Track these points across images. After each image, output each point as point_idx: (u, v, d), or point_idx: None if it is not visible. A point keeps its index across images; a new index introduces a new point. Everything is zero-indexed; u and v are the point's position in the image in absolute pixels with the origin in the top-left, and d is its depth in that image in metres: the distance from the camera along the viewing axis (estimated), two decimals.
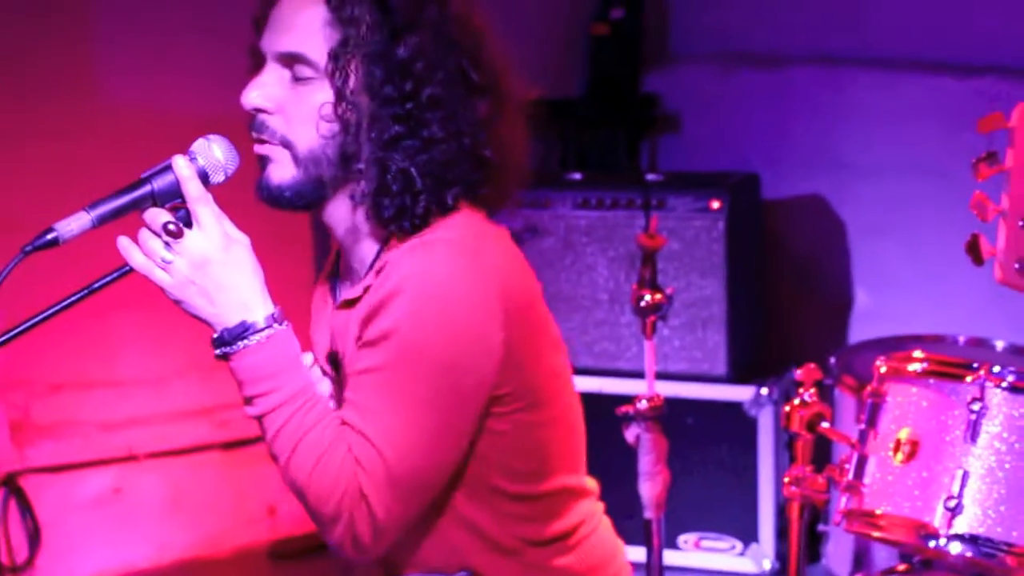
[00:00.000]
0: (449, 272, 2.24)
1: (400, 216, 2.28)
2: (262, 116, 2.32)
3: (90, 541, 5.02)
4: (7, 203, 4.72)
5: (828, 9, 5.46)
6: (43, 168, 4.81)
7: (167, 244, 2.21)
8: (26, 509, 4.87)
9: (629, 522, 2.92)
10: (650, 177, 4.93)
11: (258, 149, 2.35)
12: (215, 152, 2.27)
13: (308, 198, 2.34)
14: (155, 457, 5.17)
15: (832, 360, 3.96)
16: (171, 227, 2.20)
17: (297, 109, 2.30)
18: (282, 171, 2.33)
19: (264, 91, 2.32)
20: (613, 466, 3.25)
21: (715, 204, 4.70)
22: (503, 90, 2.35)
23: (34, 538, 4.88)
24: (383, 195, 2.27)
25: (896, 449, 2.63)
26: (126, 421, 5.11)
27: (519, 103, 2.38)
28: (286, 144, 2.31)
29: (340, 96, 2.27)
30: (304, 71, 2.29)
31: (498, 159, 2.34)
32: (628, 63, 5.75)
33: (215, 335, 2.26)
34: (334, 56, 2.27)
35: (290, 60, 2.30)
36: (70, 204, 4.35)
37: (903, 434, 2.63)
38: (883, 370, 2.71)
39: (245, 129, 2.36)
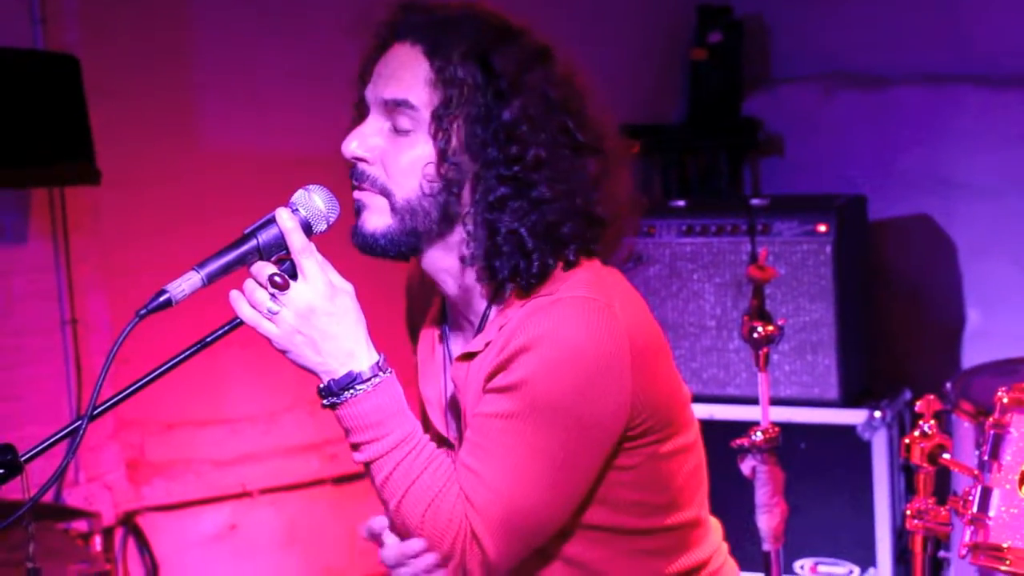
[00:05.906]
0: (579, 330, 2.24)
1: (516, 276, 2.29)
2: (362, 165, 2.34)
3: None
4: (121, 250, 4.80)
5: (930, 27, 5.42)
6: (152, 213, 4.89)
7: (273, 296, 2.22)
8: (144, 547, 4.95)
9: (744, 550, 2.90)
10: (755, 202, 4.88)
11: (356, 195, 2.36)
12: (316, 202, 2.27)
13: (401, 248, 2.35)
14: (268, 492, 5.22)
15: (948, 386, 3.91)
16: (277, 279, 2.22)
17: (396, 160, 2.31)
18: (377, 219, 2.34)
19: (364, 141, 2.33)
20: (727, 495, 3.23)
21: (822, 227, 4.67)
22: (608, 147, 2.36)
23: (152, 575, 4.95)
24: (495, 257, 2.29)
25: (1021, 482, 2.60)
26: (239, 458, 5.18)
27: (623, 158, 2.39)
28: (385, 193, 2.33)
29: (442, 156, 2.28)
30: (405, 122, 2.30)
31: (609, 215, 2.34)
32: (728, 87, 5.73)
33: (321, 385, 2.27)
34: (436, 116, 2.28)
35: (393, 107, 2.31)
36: (178, 247, 4.42)
37: None
38: (1005, 400, 2.68)
39: (344, 170, 2.38)
